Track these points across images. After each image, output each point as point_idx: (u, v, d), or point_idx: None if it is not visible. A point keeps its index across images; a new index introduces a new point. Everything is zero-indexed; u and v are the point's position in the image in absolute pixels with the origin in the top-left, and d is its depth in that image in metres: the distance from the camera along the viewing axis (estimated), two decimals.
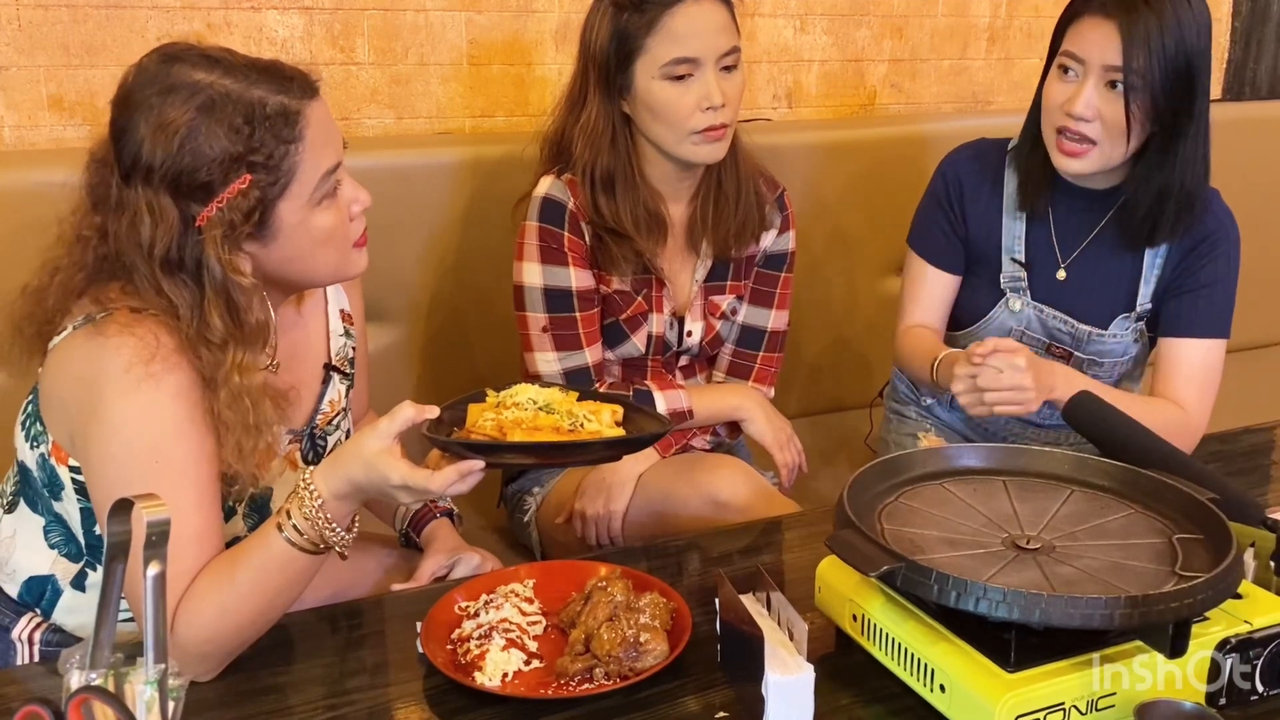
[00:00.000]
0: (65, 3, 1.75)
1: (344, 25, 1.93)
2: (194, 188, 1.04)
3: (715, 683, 1.06)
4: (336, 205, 1.13)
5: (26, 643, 1.23)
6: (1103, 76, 1.48)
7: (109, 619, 0.72)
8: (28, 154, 1.78)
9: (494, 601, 1.15)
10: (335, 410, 1.31)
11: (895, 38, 2.42)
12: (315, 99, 1.12)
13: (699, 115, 1.52)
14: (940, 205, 1.70)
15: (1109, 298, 1.63)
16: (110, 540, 0.72)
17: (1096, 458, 1.20)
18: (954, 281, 1.71)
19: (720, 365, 1.76)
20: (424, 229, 1.90)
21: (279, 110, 1.07)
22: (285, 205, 1.08)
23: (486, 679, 1.05)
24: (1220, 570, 0.94)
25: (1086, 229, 1.63)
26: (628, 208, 1.57)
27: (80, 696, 0.69)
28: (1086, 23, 1.49)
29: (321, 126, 1.11)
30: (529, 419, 1.10)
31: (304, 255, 1.12)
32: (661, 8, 1.51)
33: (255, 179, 1.05)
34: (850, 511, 1.04)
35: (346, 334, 1.36)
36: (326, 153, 1.11)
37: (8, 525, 1.24)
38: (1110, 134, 1.49)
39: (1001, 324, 1.68)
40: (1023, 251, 1.65)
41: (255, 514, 1.22)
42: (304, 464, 1.26)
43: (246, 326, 1.08)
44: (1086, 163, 1.52)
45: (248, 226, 1.06)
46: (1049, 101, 1.54)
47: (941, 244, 1.70)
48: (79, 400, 1.08)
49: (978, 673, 0.94)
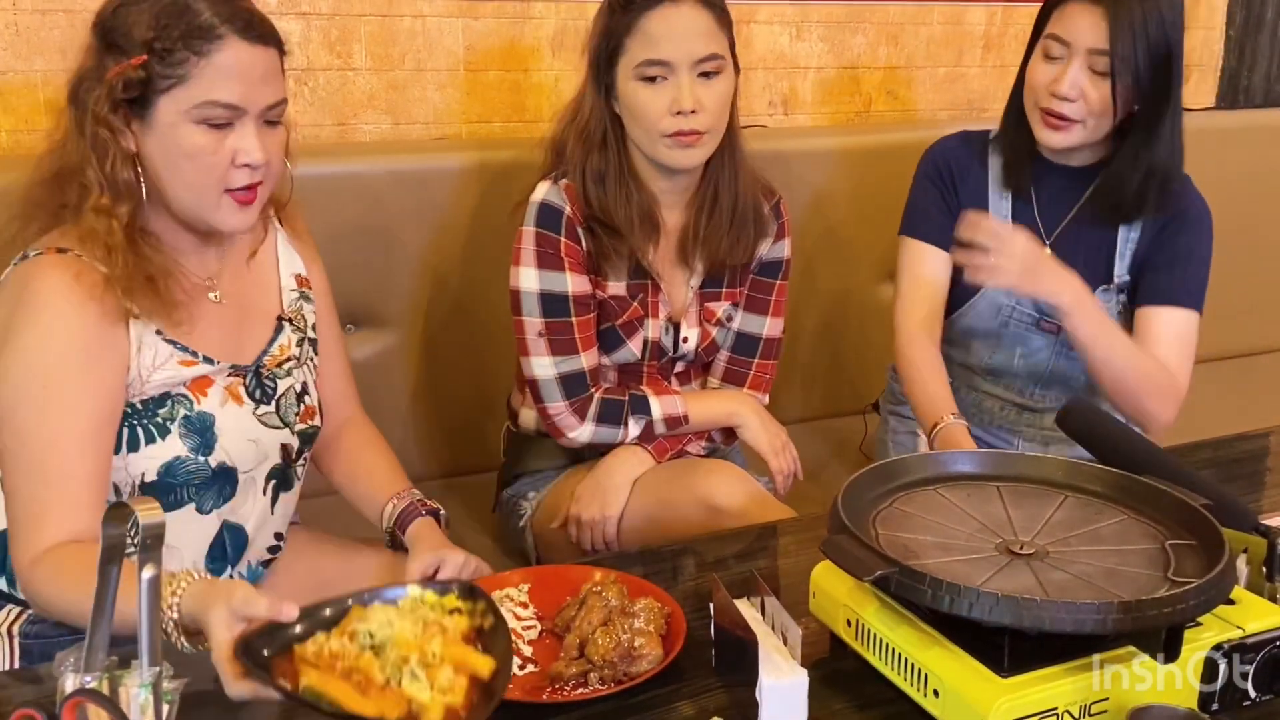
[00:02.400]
0: (63, 8, 1.76)
1: (341, 31, 1.93)
2: (111, 45, 1.17)
3: (710, 687, 1.06)
4: (218, 138, 1.17)
5: (6, 636, 1.25)
6: (1087, 59, 1.56)
7: (103, 621, 0.72)
8: (24, 158, 1.78)
9: None
10: (285, 355, 1.36)
11: (891, 45, 2.43)
12: (251, 41, 1.17)
13: (669, 119, 1.52)
14: (933, 185, 1.76)
15: (1090, 272, 1.65)
16: (105, 543, 0.72)
17: (1090, 463, 1.20)
18: (949, 261, 1.72)
19: (715, 372, 1.77)
20: (420, 234, 1.90)
21: (202, 25, 1.15)
22: (165, 102, 1.16)
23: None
24: (1213, 576, 0.94)
25: (1067, 206, 1.70)
26: (620, 204, 1.58)
27: (75, 700, 0.69)
28: (1072, 8, 1.57)
29: (239, 65, 1.16)
30: (349, 657, 0.92)
31: (168, 159, 1.18)
32: (641, 9, 1.52)
33: (148, 63, 1.15)
34: (844, 517, 1.04)
35: (302, 295, 1.40)
36: (230, 87, 1.16)
37: None
38: (1092, 112, 1.58)
39: (992, 300, 1.72)
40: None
41: (195, 435, 1.25)
42: (252, 401, 1.30)
43: (111, 179, 1.17)
44: (1069, 137, 1.61)
45: (126, 95, 1.15)
46: (1034, 82, 1.62)
47: (937, 222, 1.73)
48: (2, 329, 1.17)
49: (971, 678, 0.94)
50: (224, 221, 1.22)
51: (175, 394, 1.24)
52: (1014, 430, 1.81)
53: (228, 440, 1.27)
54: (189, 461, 1.24)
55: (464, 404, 2.00)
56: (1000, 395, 1.80)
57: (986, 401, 1.81)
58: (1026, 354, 1.75)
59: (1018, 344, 1.74)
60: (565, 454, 1.72)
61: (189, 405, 1.25)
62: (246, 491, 1.31)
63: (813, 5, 2.32)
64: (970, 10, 2.48)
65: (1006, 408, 1.80)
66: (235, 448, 1.28)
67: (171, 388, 1.24)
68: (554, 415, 1.61)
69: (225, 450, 1.27)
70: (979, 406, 1.82)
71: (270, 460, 1.33)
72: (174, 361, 1.23)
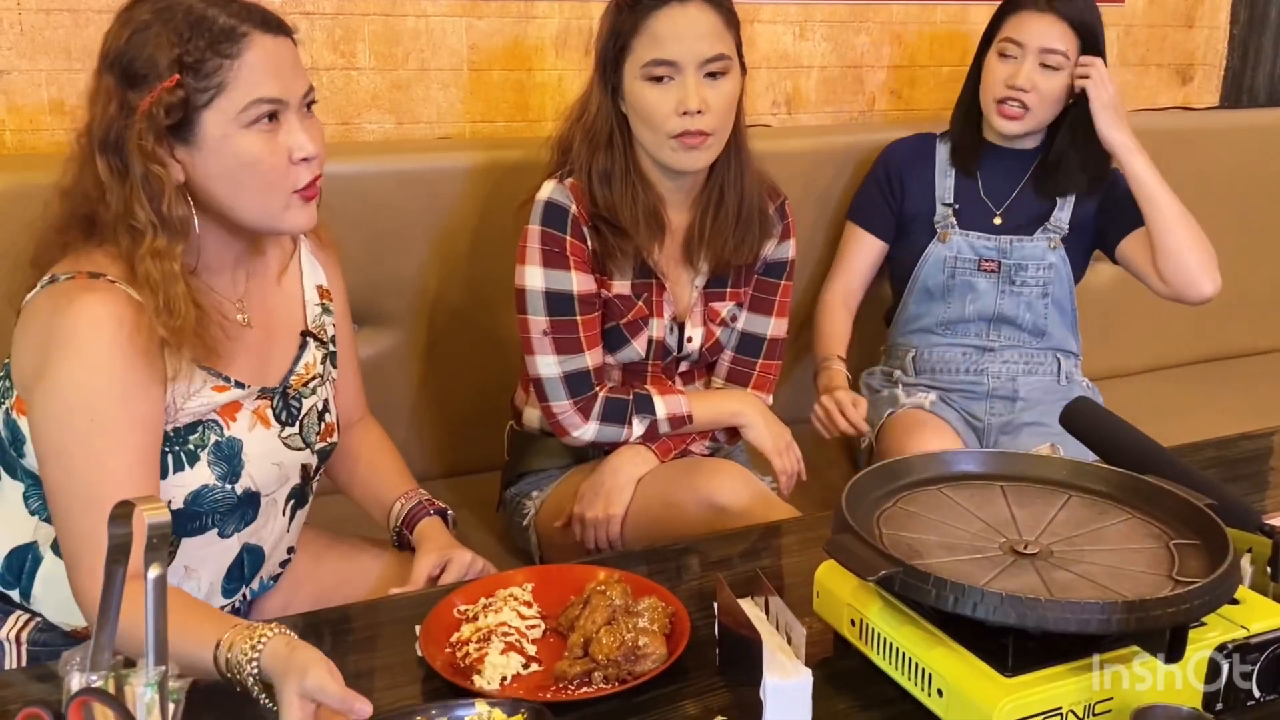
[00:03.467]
0: (67, 7, 1.76)
1: (345, 30, 1.93)
2: (133, 77, 1.12)
3: (714, 687, 1.06)
4: (271, 139, 1.15)
5: (14, 643, 1.25)
6: (1039, 56, 1.89)
7: (110, 621, 0.72)
8: (29, 158, 1.79)
9: (493, 605, 1.16)
10: (310, 374, 1.33)
11: (894, 44, 2.43)
12: (273, 33, 1.15)
13: (675, 120, 1.52)
14: (879, 184, 2.05)
15: (1030, 223, 2.00)
16: (111, 543, 0.72)
17: (1094, 464, 1.20)
18: (882, 248, 2.06)
19: (719, 372, 1.77)
20: (425, 233, 1.90)
21: (224, 28, 1.13)
22: (210, 116, 1.13)
23: (485, 682, 1.05)
24: (1217, 575, 0.94)
25: (1012, 184, 2.00)
26: (626, 204, 1.58)
27: (81, 698, 0.69)
28: (1025, 15, 1.91)
29: (270, 58, 1.14)
30: None
31: (229, 176, 1.15)
32: (648, 9, 1.51)
33: (183, 81, 1.11)
34: (849, 516, 1.05)
35: (324, 309, 1.38)
36: (268, 82, 1.14)
37: None
38: (1043, 101, 1.91)
39: (937, 258, 2.00)
40: (951, 195, 2.01)
41: (223, 462, 1.23)
42: (279, 423, 1.28)
43: (166, 218, 1.13)
44: (1023, 125, 1.93)
45: (168, 120, 1.11)
46: (991, 78, 1.94)
47: (877, 214, 2.05)
48: (35, 356, 1.13)
49: (975, 677, 0.94)
50: (294, 222, 1.20)
51: (206, 420, 1.21)
52: (979, 371, 2.03)
53: (254, 466, 1.25)
54: (216, 490, 1.22)
55: (468, 403, 2.00)
56: (959, 344, 2.03)
57: (949, 353, 2.03)
58: (975, 298, 2.00)
59: (967, 291, 2.00)
60: (569, 453, 1.72)
61: (219, 430, 1.22)
62: (268, 513, 1.29)
63: (816, 5, 2.31)
64: (973, 9, 2.48)
65: (968, 353, 2.03)
66: (260, 472, 1.26)
67: (203, 415, 1.21)
68: (558, 414, 1.61)
69: (251, 476, 1.25)
70: (943, 360, 2.04)
71: (291, 481, 1.32)
72: (208, 388, 1.21)
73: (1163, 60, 2.74)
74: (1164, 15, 2.70)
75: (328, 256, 1.41)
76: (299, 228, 1.22)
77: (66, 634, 1.26)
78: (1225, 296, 1.97)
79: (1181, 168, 2.40)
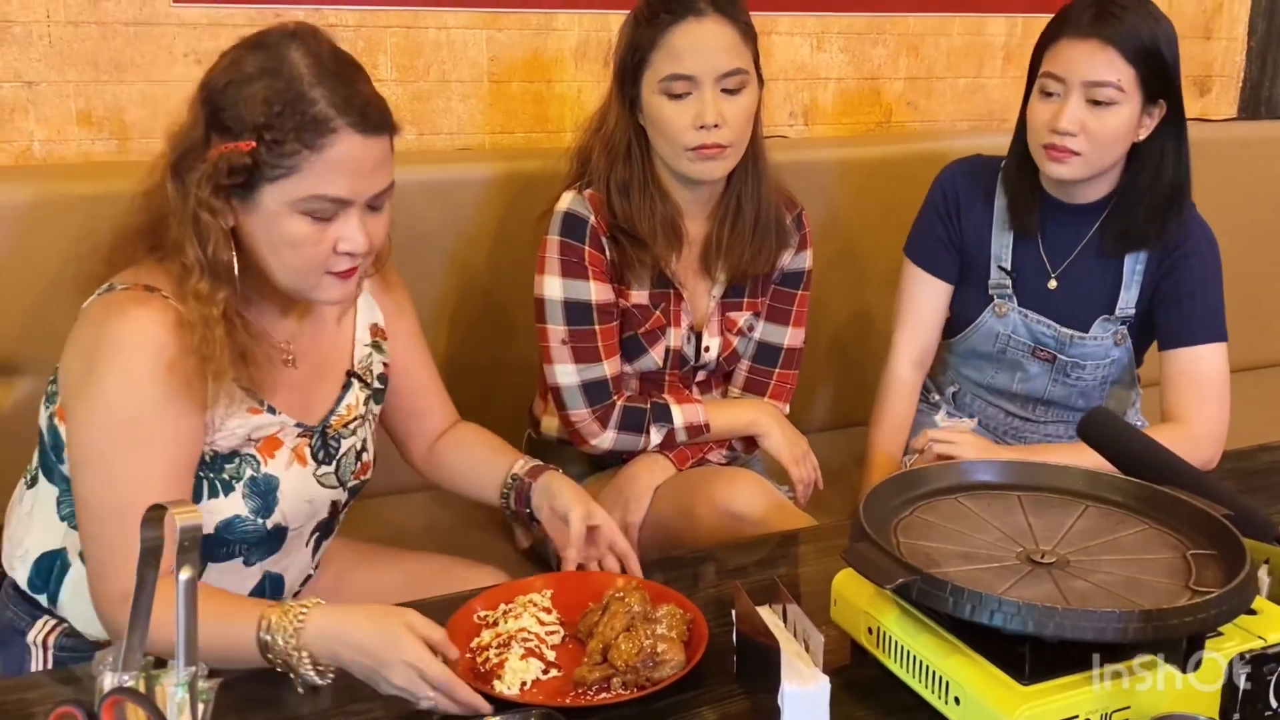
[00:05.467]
0: (95, 19, 1.79)
1: (367, 42, 1.95)
2: (218, 122, 1.13)
3: (732, 694, 1.07)
4: (321, 229, 1.14)
5: (41, 647, 1.27)
6: (1084, 92, 1.58)
7: (141, 623, 0.74)
8: (56, 168, 1.81)
9: (512, 611, 1.17)
10: (351, 415, 1.33)
11: (911, 56, 2.44)
12: (367, 134, 1.13)
13: (693, 133, 1.53)
14: (939, 216, 1.79)
15: (1092, 302, 1.72)
16: (144, 546, 0.74)
17: (1111, 474, 1.21)
18: (948, 291, 1.81)
19: (736, 381, 1.78)
20: (445, 243, 1.92)
21: (317, 117, 1.10)
22: (270, 190, 1.12)
23: (505, 687, 1.06)
24: (1234, 585, 0.94)
25: (1074, 242, 1.72)
26: (645, 215, 1.59)
27: (113, 698, 0.70)
28: (1064, 44, 1.60)
29: (350, 159, 1.12)
30: None
31: (270, 244, 1.15)
32: (666, 24, 1.53)
33: (257, 151, 1.10)
34: (866, 525, 1.05)
35: (376, 347, 1.38)
36: (338, 181, 1.12)
37: (28, 500, 1.29)
38: (1094, 144, 1.59)
39: (989, 329, 1.78)
40: (1009, 260, 1.75)
41: (257, 497, 1.23)
42: (315, 462, 1.28)
43: (212, 261, 1.14)
44: (1073, 168, 1.62)
45: (231, 181, 1.12)
46: (1035, 121, 1.64)
47: (939, 253, 1.79)
48: (82, 363, 1.15)
49: (992, 685, 0.95)
50: (324, 296, 1.20)
51: (244, 453, 1.22)
52: (1019, 435, 1.85)
53: (287, 503, 1.26)
54: (247, 522, 1.23)
55: (486, 411, 2.00)
56: (1004, 408, 1.86)
57: (990, 410, 1.87)
58: (1024, 378, 1.80)
59: (1016, 369, 1.79)
60: (587, 461, 1.73)
61: (255, 466, 1.23)
62: (293, 545, 1.30)
63: (834, 17, 2.33)
64: (990, 21, 2.48)
65: (1011, 418, 1.85)
66: (291, 509, 1.27)
67: (241, 446, 1.22)
68: (577, 422, 1.63)
69: (282, 512, 1.26)
70: (984, 413, 1.88)
71: (319, 516, 1.32)
72: (244, 409, 1.21)
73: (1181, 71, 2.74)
74: (1182, 27, 2.69)
75: (393, 299, 1.41)
76: (330, 301, 1.23)
77: (92, 641, 1.27)
78: (1241, 309, 1.97)
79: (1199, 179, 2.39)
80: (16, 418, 1.66)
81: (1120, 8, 1.57)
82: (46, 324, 1.63)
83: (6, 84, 1.76)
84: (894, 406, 1.82)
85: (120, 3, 1.79)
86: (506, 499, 1.42)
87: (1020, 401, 1.83)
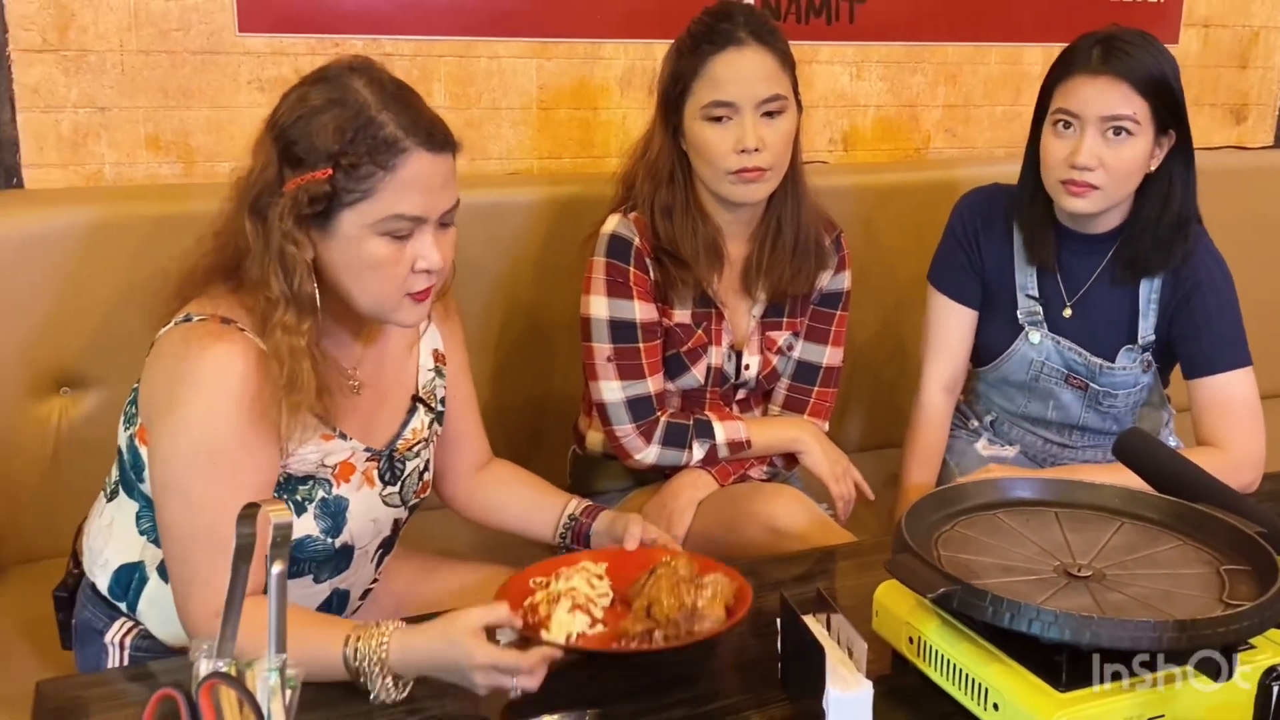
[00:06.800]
0: (165, 49, 1.87)
1: (422, 71, 2.03)
2: (291, 156, 1.17)
3: (777, 699, 1.11)
4: (400, 248, 1.18)
5: (118, 647, 1.32)
6: (1100, 126, 1.61)
7: (234, 614, 0.79)
8: (125, 189, 1.89)
9: (566, 574, 1.22)
10: (417, 439, 1.38)
11: (949, 84, 2.48)
12: (434, 151, 1.18)
13: (734, 157, 1.58)
14: (959, 244, 1.83)
15: (1113, 331, 1.75)
16: (238, 543, 0.79)
17: (1146, 492, 1.24)
18: (973, 316, 1.83)
19: (776, 399, 1.82)
20: (494, 263, 1.98)
21: (387, 139, 1.15)
22: (349, 215, 1.16)
23: (552, 637, 1.12)
24: (1266, 599, 0.98)
25: (1089, 272, 1.75)
26: (687, 236, 1.65)
27: (209, 682, 0.76)
28: (1077, 80, 1.63)
29: (423, 176, 1.17)
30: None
31: (351, 269, 1.19)
32: (708, 54, 1.59)
33: (334, 178, 1.15)
34: (908, 538, 1.09)
35: (437, 372, 1.43)
36: (413, 199, 1.17)
37: (108, 513, 1.34)
38: (1112, 177, 1.63)
39: (1023, 356, 1.80)
40: (1036, 289, 1.78)
41: (328, 518, 1.28)
42: (382, 483, 1.33)
43: (297, 294, 1.17)
44: (1092, 202, 1.65)
45: (311, 210, 1.16)
46: (1051, 158, 1.66)
47: (962, 280, 1.82)
48: (163, 392, 1.19)
49: (1030, 692, 0.98)
50: (403, 319, 1.24)
51: (319, 477, 1.27)
52: (1059, 463, 1.87)
53: (355, 523, 1.30)
54: (318, 541, 1.27)
55: (531, 426, 2.06)
56: (1041, 435, 1.88)
57: (1028, 437, 1.90)
58: (1058, 406, 1.82)
59: (1049, 397, 1.82)
60: (631, 476, 1.78)
61: (328, 488, 1.27)
62: (359, 563, 1.35)
63: (873, 46, 2.37)
64: (1026, 50, 2.53)
65: (1049, 445, 1.88)
66: (359, 528, 1.31)
67: (315, 471, 1.26)
68: (621, 437, 1.67)
69: (350, 532, 1.30)
70: (1024, 441, 1.90)
71: (383, 534, 1.37)
72: (317, 436, 1.25)
73: (1216, 100, 2.77)
74: (1218, 56, 2.73)
75: (449, 329, 1.46)
76: (406, 324, 1.27)
77: (168, 646, 1.32)
78: (1274, 335, 1.98)
79: (1236, 207, 2.43)
80: (86, 427, 1.74)
81: (1127, 44, 1.61)
82: (115, 339, 1.71)
83: (81, 109, 1.85)
84: (926, 436, 1.85)
85: (189, 33, 1.88)
86: (564, 538, 1.48)
87: (1056, 429, 1.85)
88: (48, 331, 1.71)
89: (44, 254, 1.70)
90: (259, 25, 1.91)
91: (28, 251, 1.70)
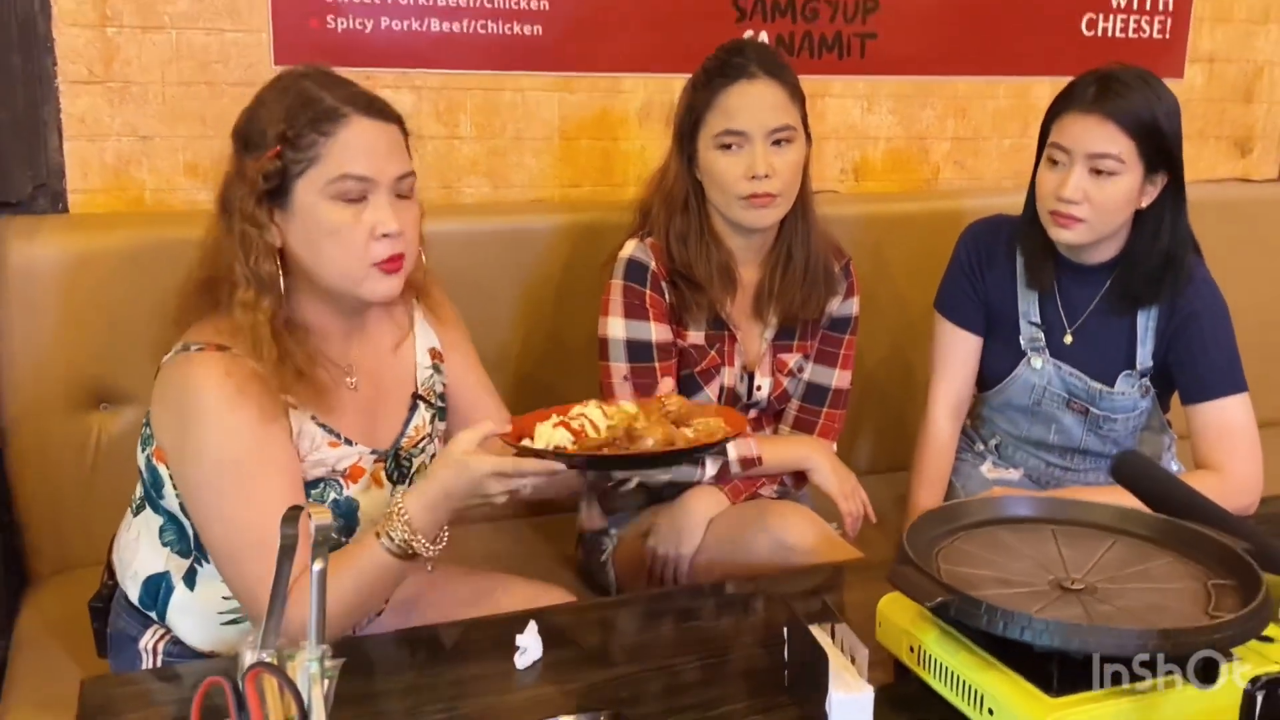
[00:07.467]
0: (205, 80, 1.95)
1: (449, 103, 2.11)
2: (246, 145, 1.27)
3: (781, 704, 1.15)
4: (355, 212, 1.25)
5: (151, 653, 1.38)
6: (1087, 163, 1.67)
7: (278, 609, 0.85)
8: (165, 215, 1.97)
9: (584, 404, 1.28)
10: (420, 435, 1.44)
11: (958, 118, 2.54)
12: (374, 118, 1.26)
13: (745, 183, 1.66)
14: (964, 273, 1.89)
15: (1112, 358, 1.81)
16: (282, 542, 0.86)
17: (1138, 510, 1.29)
18: (977, 342, 1.90)
19: (786, 420, 1.87)
20: (515, 287, 2.05)
21: (327, 108, 1.25)
22: (301, 185, 1.24)
23: (529, 443, 1.21)
24: (1248, 610, 1.02)
25: (1087, 300, 1.81)
26: (701, 261, 1.71)
27: (254, 671, 0.82)
28: (1070, 118, 1.70)
29: (365, 139, 1.25)
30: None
31: (312, 243, 1.26)
32: (720, 86, 1.67)
33: (282, 152, 1.23)
34: (909, 550, 1.15)
35: (435, 369, 1.48)
36: (358, 160, 1.24)
37: (135, 527, 1.40)
38: (1097, 211, 1.68)
39: (1025, 381, 1.85)
40: (1038, 315, 1.84)
41: (339, 518, 1.34)
42: (390, 483, 1.39)
43: (255, 272, 1.25)
44: (1077, 234, 1.71)
45: (266, 186, 1.23)
46: (1042, 190, 1.74)
47: (966, 308, 1.89)
48: (174, 422, 1.27)
49: (1023, 697, 1.03)
50: (372, 292, 1.28)
51: (330, 480, 1.33)
52: (1062, 485, 1.91)
53: (366, 523, 1.36)
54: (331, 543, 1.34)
55: None
56: (1044, 458, 1.94)
57: (1031, 460, 1.95)
58: (1060, 430, 1.87)
59: (1051, 421, 1.87)
60: (645, 493, 1.82)
61: (339, 490, 1.33)
62: None
63: (884, 80, 2.44)
64: (1034, 85, 2.59)
65: (1052, 468, 1.94)
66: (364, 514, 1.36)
67: (326, 474, 1.32)
68: None
69: (362, 531, 1.35)
70: (1028, 464, 1.96)
71: None
72: (325, 445, 1.31)
73: (1221, 133, 2.82)
74: (1223, 90, 2.79)
75: (442, 318, 1.51)
76: (378, 297, 1.30)
77: (197, 651, 1.38)
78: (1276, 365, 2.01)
79: (1241, 239, 2.48)
80: (123, 442, 1.80)
81: (1123, 84, 1.66)
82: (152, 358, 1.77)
83: (125, 138, 1.93)
84: (933, 459, 1.91)
85: (228, 65, 1.96)
86: None
87: (1058, 452, 1.91)
88: (89, 349, 1.78)
89: (87, 276, 1.78)
90: (294, 58, 1.98)
91: (72, 273, 1.77)
